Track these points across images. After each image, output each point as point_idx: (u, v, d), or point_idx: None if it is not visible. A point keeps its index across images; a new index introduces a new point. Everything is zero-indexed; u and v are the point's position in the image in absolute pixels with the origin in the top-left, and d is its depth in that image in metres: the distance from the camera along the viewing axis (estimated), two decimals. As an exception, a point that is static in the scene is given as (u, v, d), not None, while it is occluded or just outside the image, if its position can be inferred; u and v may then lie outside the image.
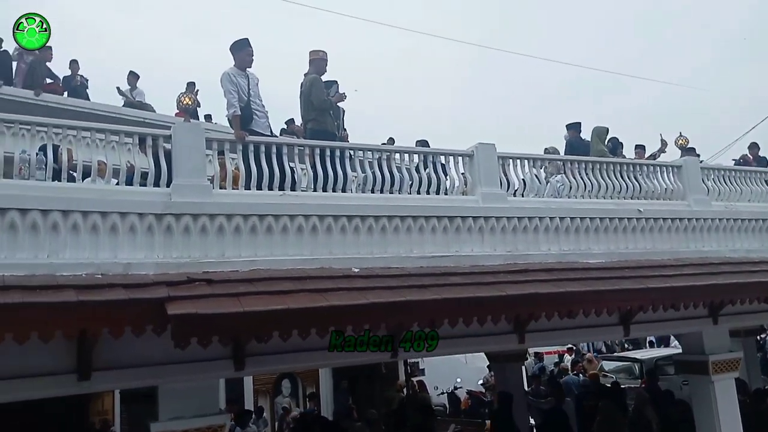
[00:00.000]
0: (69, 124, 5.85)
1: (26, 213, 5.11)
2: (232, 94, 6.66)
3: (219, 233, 5.89)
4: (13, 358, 4.81)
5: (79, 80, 11.78)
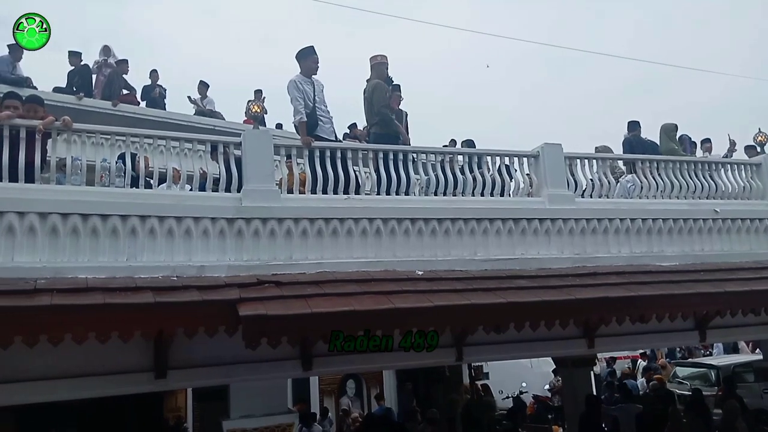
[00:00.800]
0: (146, 133, 6.13)
1: (107, 218, 5.40)
2: (298, 101, 6.81)
3: (287, 236, 6.03)
4: (96, 357, 5.09)
5: (158, 90, 12.30)
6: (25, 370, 5.00)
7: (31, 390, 5.14)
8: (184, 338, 4.98)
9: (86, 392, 5.42)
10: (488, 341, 6.49)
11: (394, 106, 7.85)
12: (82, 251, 5.24)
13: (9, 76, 10.01)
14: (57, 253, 5.16)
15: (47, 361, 4.98)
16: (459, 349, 6.63)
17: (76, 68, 11.40)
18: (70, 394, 5.40)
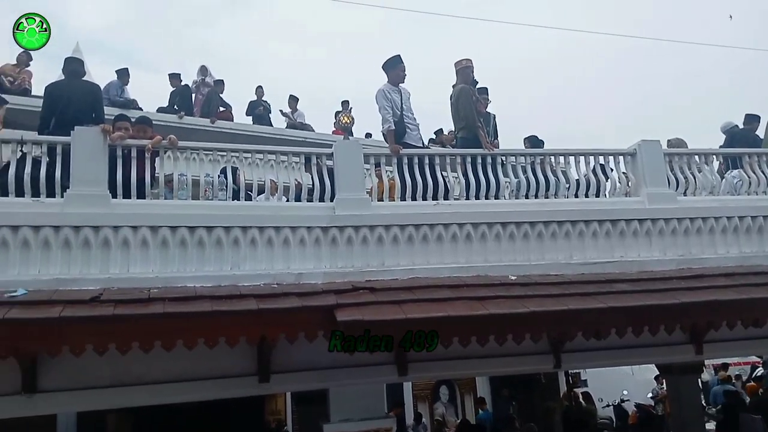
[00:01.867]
0: (244, 148, 6.43)
1: (212, 230, 5.70)
2: (386, 110, 6.92)
3: (378, 243, 6.13)
4: (205, 362, 5.37)
5: (263, 106, 12.87)
6: (141, 375, 5.36)
7: (146, 393, 5.50)
8: (286, 343, 5.16)
9: (196, 395, 5.73)
10: (588, 347, 6.29)
11: (481, 110, 7.79)
12: (189, 261, 5.56)
13: (118, 99, 10.79)
14: (167, 264, 5.50)
15: (161, 366, 5.31)
16: (557, 356, 6.47)
17: (176, 89, 12.15)
18: (181, 397, 5.72)
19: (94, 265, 5.26)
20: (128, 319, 4.62)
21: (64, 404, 5.75)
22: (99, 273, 5.24)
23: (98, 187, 5.45)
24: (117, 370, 5.21)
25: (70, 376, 5.16)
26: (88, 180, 5.44)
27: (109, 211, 5.41)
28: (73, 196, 5.36)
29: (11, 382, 5.04)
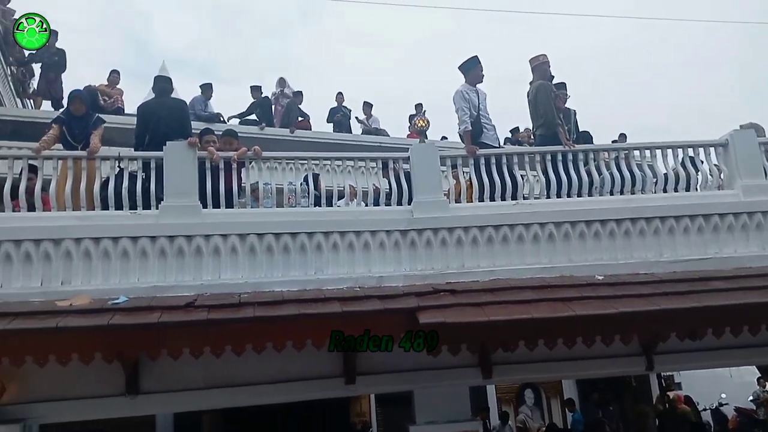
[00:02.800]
0: (324, 156, 6.59)
1: (296, 236, 5.86)
2: (464, 111, 6.91)
3: (458, 245, 6.11)
4: (293, 364, 5.55)
5: (342, 112, 13.16)
6: (234, 377, 5.59)
7: (238, 395, 5.73)
8: (371, 346, 5.25)
9: (285, 396, 5.93)
10: (682, 349, 6.02)
11: (560, 106, 7.62)
12: (276, 267, 5.75)
13: (203, 113, 11.30)
14: (255, 270, 5.71)
15: (252, 369, 5.52)
16: (649, 358, 6.22)
17: (257, 101, 12.57)
18: (271, 398, 5.93)
19: (188, 272, 5.54)
20: (221, 323, 4.84)
21: (163, 405, 6.09)
22: (192, 280, 5.52)
23: (190, 199, 5.74)
24: (211, 373, 5.47)
25: (169, 378, 5.46)
26: (180, 192, 5.74)
27: (200, 220, 5.68)
28: (167, 207, 5.66)
29: (116, 384, 5.38)
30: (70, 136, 6.23)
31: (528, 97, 7.64)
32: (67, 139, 6.24)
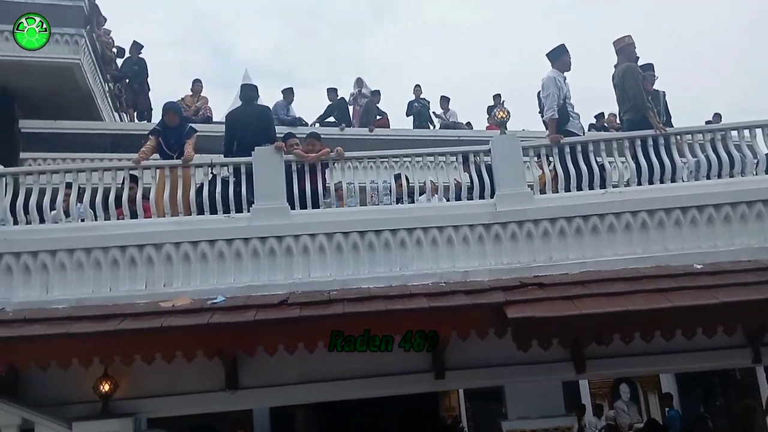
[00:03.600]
0: (404, 153, 6.66)
1: (380, 233, 5.94)
2: (554, 97, 6.77)
3: (544, 237, 5.99)
4: (383, 359, 5.63)
5: (420, 103, 13.23)
6: (326, 372, 5.75)
7: (331, 389, 5.88)
8: (458, 340, 5.25)
9: (376, 391, 6.03)
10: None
11: (648, 88, 7.30)
12: (362, 264, 5.85)
13: (285, 117, 11.63)
14: (343, 267, 5.84)
15: (343, 364, 5.65)
16: (755, 350, 5.87)
17: (334, 103, 12.81)
18: (362, 392, 6.05)
19: (280, 271, 5.74)
20: (313, 319, 4.99)
21: (261, 400, 6.36)
22: (284, 279, 5.71)
23: (278, 201, 5.94)
24: (305, 368, 5.65)
25: (265, 374, 5.68)
26: (270, 195, 5.95)
27: (289, 221, 5.87)
28: (258, 210, 5.89)
29: (217, 379, 5.66)
30: (166, 146, 6.61)
31: (613, 80, 7.36)
32: (163, 149, 6.62)
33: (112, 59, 12.40)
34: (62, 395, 5.44)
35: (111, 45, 12.41)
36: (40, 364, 4.93)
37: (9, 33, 9.74)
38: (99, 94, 11.46)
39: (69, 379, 5.25)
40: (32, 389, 5.45)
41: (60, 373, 5.03)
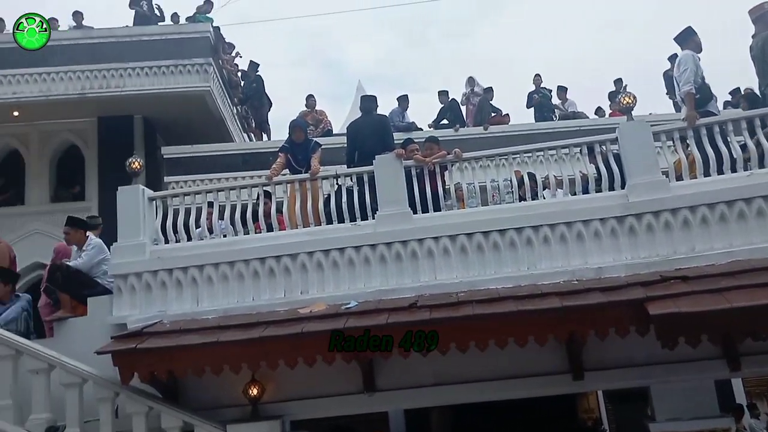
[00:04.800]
0: (524, 149, 6.53)
1: (504, 233, 5.85)
2: (691, 72, 6.42)
3: (684, 227, 5.62)
4: (517, 360, 5.53)
5: (541, 93, 12.92)
6: (460, 374, 5.75)
7: (464, 391, 5.87)
8: (596, 340, 5.05)
9: (511, 393, 5.94)
10: None
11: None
12: (488, 264, 5.80)
13: (401, 124, 11.78)
14: (468, 269, 5.82)
15: (477, 366, 5.62)
16: None
17: (446, 105, 12.79)
18: (496, 394, 5.99)
19: (407, 275, 5.83)
20: (444, 321, 5.02)
21: (396, 402, 6.48)
22: (411, 282, 5.79)
23: (401, 206, 6.04)
24: (439, 370, 5.69)
25: (401, 376, 5.78)
26: (392, 201, 6.07)
27: (412, 226, 5.95)
28: (382, 216, 6.02)
29: (354, 382, 5.85)
30: (294, 161, 6.97)
31: (751, 51, 6.77)
32: (292, 164, 6.98)
33: (238, 83, 13.27)
34: (216, 399, 5.86)
35: (236, 70, 13.29)
36: (196, 370, 5.33)
37: (146, 69, 10.79)
38: (228, 117, 12.31)
39: (221, 384, 5.65)
40: (189, 394, 5.92)
41: (213, 378, 5.43)
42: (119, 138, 11.14)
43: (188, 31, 11.41)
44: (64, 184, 11.62)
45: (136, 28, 11.68)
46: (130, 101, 10.92)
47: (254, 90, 13.14)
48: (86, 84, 10.69)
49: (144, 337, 5.37)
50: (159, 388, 5.67)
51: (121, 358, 5.21)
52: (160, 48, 10.98)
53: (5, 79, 10.61)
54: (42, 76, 10.64)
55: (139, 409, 5.37)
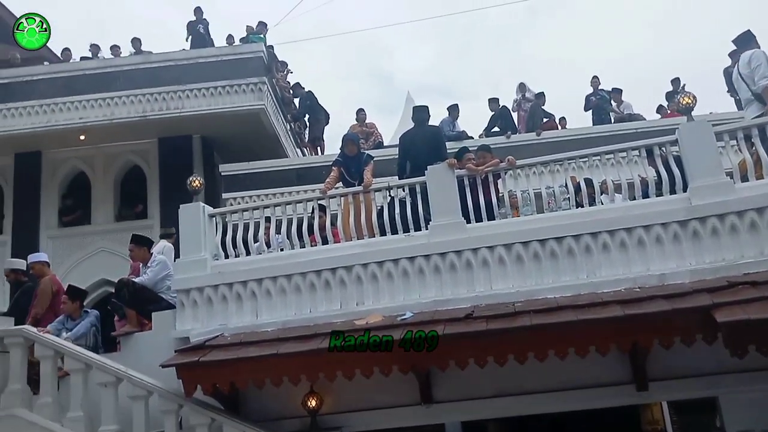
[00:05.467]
0: (579, 154, 6.41)
1: (561, 240, 5.74)
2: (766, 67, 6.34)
3: (752, 230, 5.41)
4: (578, 371, 5.41)
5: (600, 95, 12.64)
6: (519, 386, 5.66)
7: (524, 403, 5.78)
8: (661, 349, 4.89)
9: (572, 405, 5.80)
10: None
11: None
12: (545, 273, 5.71)
13: (451, 133, 11.74)
14: (525, 278, 5.74)
15: (536, 377, 5.52)
16: None
17: (496, 112, 12.69)
18: (557, 406, 5.86)
19: (462, 285, 5.80)
20: (501, 333, 4.97)
21: (454, 414, 6.41)
22: (467, 292, 5.76)
23: (454, 216, 6.02)
24: (497, 382, 5.61)
25: (458, 387, 5.75)
26: (445, 211, 6.05)
27: (466, 235, 5.92)
28: (436, 227, 6.02)
29: (412, 394, 5.84)
30: (348, 174, 7.06)
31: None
32: (345, 177, 7.08)
33: (291, 100, 13.57)
34: (276, 411, 5.96)
35: (288, 87, 13.60)
36: (256, 382, 5.44)
37: (203, 90, 11.16)
38: (282, 133, 12.60)
39: (281, 395, 5.75)
40: (251, 406, 6.04)
41: (273, 390, 5.53)
42: (179, 157, 11.56)
43: (242, 51, 11.76)
44: (127, 204, 12.13)
45: (193, 51, 12.12)
46: (188, 122, 11.33)
47: (308, 107, 13.39)
48: (147, 107, 11.15)
49: (206, 350, 5.52)
50: (221, 400, 5.81)
51: (184, 371, 5.37)
52: (216, 69, 11.35)
53: (72, 105, 11.18)
54: (106, 100, 11.15)
55: (202, 420, 5.50)
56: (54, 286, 7.19)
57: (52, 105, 11.15)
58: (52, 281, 7.29)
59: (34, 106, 11.15)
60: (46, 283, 7.18)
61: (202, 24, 13.09)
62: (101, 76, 11.40)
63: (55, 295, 7.09)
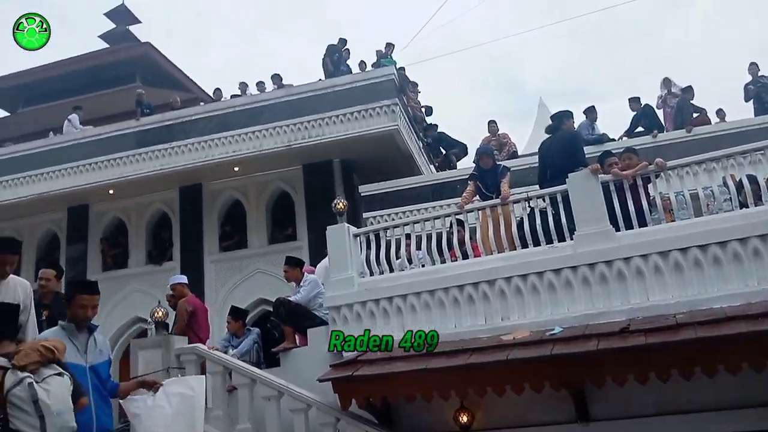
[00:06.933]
0: (740, 150, 5.89)
1: (725, 245, 5.29)
2: None
3: None
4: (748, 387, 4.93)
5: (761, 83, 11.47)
6: (687, 402, 5.21)
7: (691, 422, 5.28)
8: None
9: (746, 425, 5.21)
10: None
11: None
12: (709, 281, 5.28)
13: (590, 137, 11.23)
14: (685, 287, 5.35)
15: (705, 394, 5.08)
16: None
17: (639, 112, 11.96)
18: (728, 426, 5.30)
19: (615, 297, 5.52)
20: (661, 347, 4.66)
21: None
22: (621, 305, 5.47)
23: (601, 224, 5.76)
24: (662, 398, 5.23)
25: (617, 405, 5.41)
26: (590, 219, 5.81)
27: (616, 244, 5.63)
28: (581, 236, 5.79)
29: (566, 411, 5.60)
30: (484, 187, 7.03)
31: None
32: (482, 191, 7.04)
33: (423, 119, 13.80)
34: (428, 425, 5.98)
35: (420, 107, 13.85)
36: (407, 396, 5.53)
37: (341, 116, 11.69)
38: (415, 151, 12.83)
39: (432, 410, 5.78)
40: (403, 420, 6.12)
41: (424, 404, 5.58)
42: (322, 181, 12.21)
43: (375, 76, 12.17)
44: (278, 227, 12.97)
45: (328, 80, 12.75)
46: (329, 147, 11.91)
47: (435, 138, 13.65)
48: (291, 136, 11.88)
49: (358, 365, 5.72)
50: (374, 413, 5.97)
51: (339, 385, 5.60)
52: (351, 95, 11.85)
53: (226, 140, 12.21)
54: (255, 133, 12.05)
55: (359, 433, 5.69)
56: (189, 306, 7.36)
57: (209, 141, 12.25)
58: (188, 302, 7.46)
59: (193, 143, 12.33)
60: (182, 304, 7.39)
61: (344, 51, 13.77)
62: (249, 111, 12.35)
63: (192, 314, 7.29)
